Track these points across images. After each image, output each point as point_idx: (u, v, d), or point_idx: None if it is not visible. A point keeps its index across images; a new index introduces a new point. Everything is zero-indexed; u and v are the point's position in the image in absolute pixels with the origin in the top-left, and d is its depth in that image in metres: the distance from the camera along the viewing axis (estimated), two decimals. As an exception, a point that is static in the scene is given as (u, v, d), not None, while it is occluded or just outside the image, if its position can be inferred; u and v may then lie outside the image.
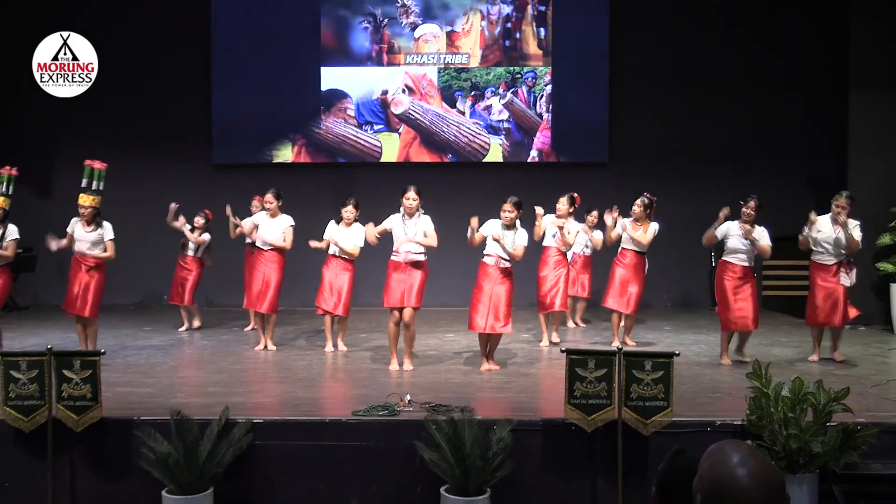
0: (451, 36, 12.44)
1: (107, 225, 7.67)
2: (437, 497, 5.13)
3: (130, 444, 5.34)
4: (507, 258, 7.23)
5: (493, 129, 12.47)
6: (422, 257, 7.34)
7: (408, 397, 5.82)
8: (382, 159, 12.47)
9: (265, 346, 8.45)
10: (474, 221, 7.12)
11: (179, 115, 12.42)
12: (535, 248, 8.58)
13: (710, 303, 12.53)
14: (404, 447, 5.28)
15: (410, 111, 12.50)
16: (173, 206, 9.83)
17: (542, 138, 12.49)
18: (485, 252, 7.31)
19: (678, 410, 5.30)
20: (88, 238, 7.60)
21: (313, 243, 8.34)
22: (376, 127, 12.54)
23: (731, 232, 7.63)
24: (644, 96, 12.40)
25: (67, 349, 6.65)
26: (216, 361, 8.12)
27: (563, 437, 5.38)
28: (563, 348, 5.44)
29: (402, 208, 7.31)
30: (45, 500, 5.36)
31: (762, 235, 7.60)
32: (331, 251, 8.30)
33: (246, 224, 8.63)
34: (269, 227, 8.43)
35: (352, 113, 12.54)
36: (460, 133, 12.50)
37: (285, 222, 8.45)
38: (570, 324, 10.05)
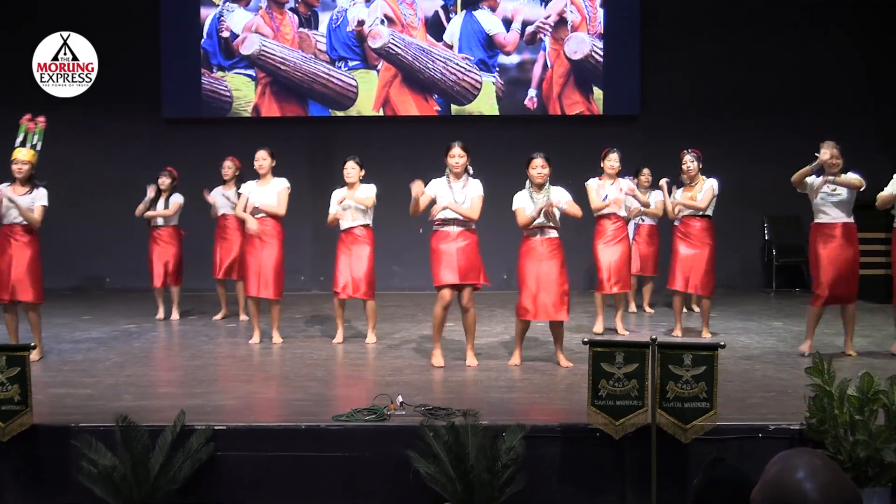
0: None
1: (42, 190, 7.62)
2: (435, 517, 5.15)
3: (67, 455, 5.34)
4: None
5: (485, 66, 12.47)
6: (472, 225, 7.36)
7: (399, 399, 5.83)
8: (359, 100, 12.53)
9: (259, 339, 8.50)
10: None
11: (124, 61, 12.36)
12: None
13: (762, 284, 12.57)
14: (395, 458, 5.29)
15: (390, 45, 12.49)
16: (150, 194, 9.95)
17: (539, 72, 12.48)
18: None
19: (723, 413, 5.30)
20: (21, 203, 7.53)
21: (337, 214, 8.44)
22: (351, 63, 12.56)
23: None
24: (681, 39, 12.34)
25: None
26: (169, 357, 8.13)
27: (586, 446, 5.39)
28: (586, 339, 5.44)
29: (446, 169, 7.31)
30: (-33, 522, 5.39)
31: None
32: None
33: (238, 205, 8.68)
34: (262, 193, 8.46)
35: (323, 47, 12.51)
36: (447, 70, 12.50)
37: (280, 185, 8.48)
38: (633, 307, 10.23)
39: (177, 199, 9.95)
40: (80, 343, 8.53)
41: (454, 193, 7.25)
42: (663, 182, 8.89)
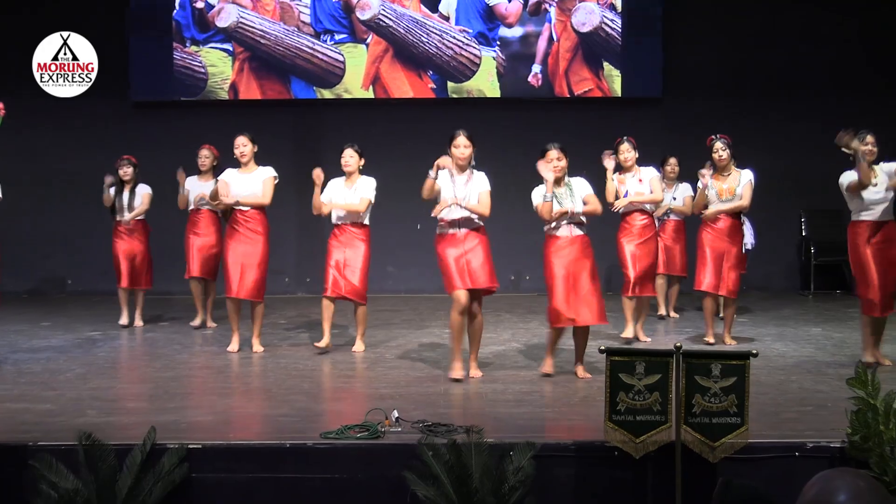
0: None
1: None
2: (435, 546, 5.15)
3: (24, 477, 5.33)
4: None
5: (484, 39, 12.48)
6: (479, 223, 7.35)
7: (395, 414, 5.83)
8: (346, 77, 12.56)
9: (239, 347, 8.46)
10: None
11: (86, 35, 12.36)
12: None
13: (799, 285, 12.58)
14: (390, 480, 5.29)
15: (380, 16, 12.49)
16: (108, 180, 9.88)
17: (544, 47, 12.48)
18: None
19: (756, 429, 5.30)
20: None
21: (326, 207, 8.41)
22: (338, 37, 12.58)
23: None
24: (709, 12, 12.35)
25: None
26: (138, 368, 8.13)
27: (603, 466, 5.39)
28: (602, 347, 5.44)
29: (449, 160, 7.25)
30: (-87, 552, 5.39)
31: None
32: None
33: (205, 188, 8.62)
34: (245, 182, 8.46)
35: (307, 19, 12.52)
36: (443, 44, 12.52)
37: (265, 173, 8.50)
38: (662, 311, 10.27)
39: (145, 191, 9.88)
40: (39, 352, 8.52)
41: (456, 188, 7.19)
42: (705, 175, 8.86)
